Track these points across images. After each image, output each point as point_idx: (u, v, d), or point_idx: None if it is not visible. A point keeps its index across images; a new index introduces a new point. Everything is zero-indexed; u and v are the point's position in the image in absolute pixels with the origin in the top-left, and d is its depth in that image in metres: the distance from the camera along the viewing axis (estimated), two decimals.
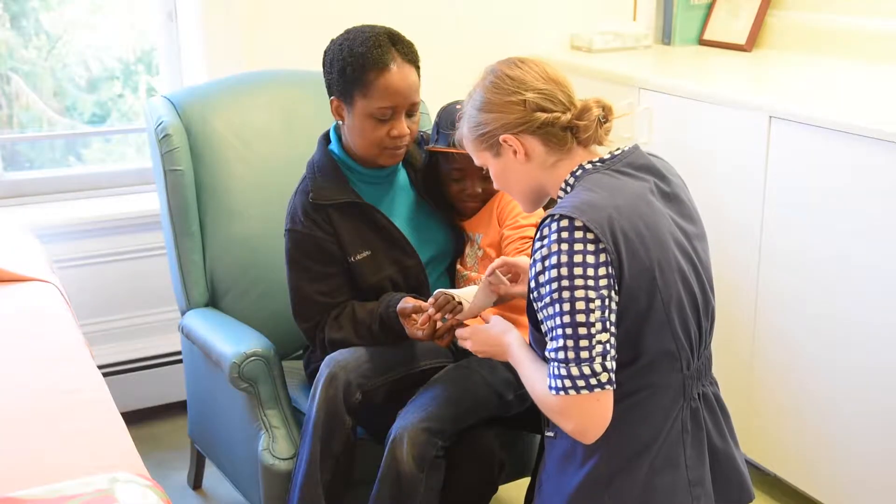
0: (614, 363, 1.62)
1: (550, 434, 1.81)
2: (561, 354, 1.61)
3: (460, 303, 2.00)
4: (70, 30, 3.23)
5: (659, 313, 1.66)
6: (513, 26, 3.44)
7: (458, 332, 1.95)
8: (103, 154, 3.42)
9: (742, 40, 3.37)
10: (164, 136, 2.53)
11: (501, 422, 2.22)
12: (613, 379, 1.62)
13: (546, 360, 1.66)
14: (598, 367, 1.60)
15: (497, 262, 2.00)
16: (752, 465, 2.81)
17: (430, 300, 2.03)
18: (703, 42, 3.55)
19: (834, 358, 2.51)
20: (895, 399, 2.38)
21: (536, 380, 1.70)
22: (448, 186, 2.31)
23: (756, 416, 2.75)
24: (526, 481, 2.30)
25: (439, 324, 2.04)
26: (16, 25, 3.14)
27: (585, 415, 1.63)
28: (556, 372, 1.62)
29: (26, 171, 3.21)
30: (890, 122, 2.31)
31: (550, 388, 1.63)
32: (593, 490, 1.74)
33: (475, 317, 2.02)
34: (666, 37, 3.59)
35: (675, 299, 1.68)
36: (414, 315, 2.09)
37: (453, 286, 2.33)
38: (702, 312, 1.74)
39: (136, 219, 3.07)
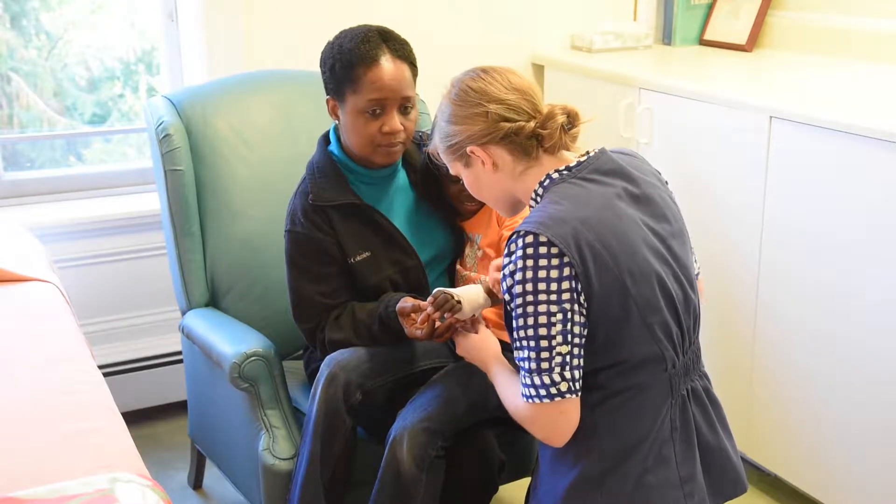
0: (577, 372, 1.67)
1: None
2: (525, 364, 1.68)
3: (459, 301, 2.00)
4: (70, 30, 3.23)
5: (635, 319, 1.68)
6: (513, 26, 3.45)
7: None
8: (104, 154, 3.43)
9: (742, 40, 3.37)
10: (164, 136, 2.53)
11: (501, 422, 2.22)
12: (575, 388, 1.67)
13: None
14: (556, 377, 1.65)
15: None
16: (752, 465, 2.81)
17: (429, 299, 2.03)
18: (703, 42, 3.55)
19: (834, 358, 2.51)
20: (894, 399, 2.38)
21: (508, 393, 1.78)
22: (447, 188, 2.31)
23: (756, 416, 2.75)
24: (526, 481, 2.30)
25: (438, 323, 2.04)
26: (16, 25, 3.14)
27: (549, 422, 1.70)
28: (524, 381, 1.69)
29: (27, 170, 3.21)
30: (890, 122, 2.31)
31: (522, 395, 1.70)
32: (586, 490, 1.75)
33: (474, 316, 2.03)
34: (666, 37, 3.60)
35: (652, 304, 1.69)
36: (413, 314, 2.09)
37: (453, 286, 2.33)
38: (682, 311, 1.75)
39: (137, 219, 3.07)
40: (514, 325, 1.68)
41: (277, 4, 3.11)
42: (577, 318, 1.65)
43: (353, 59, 2.13)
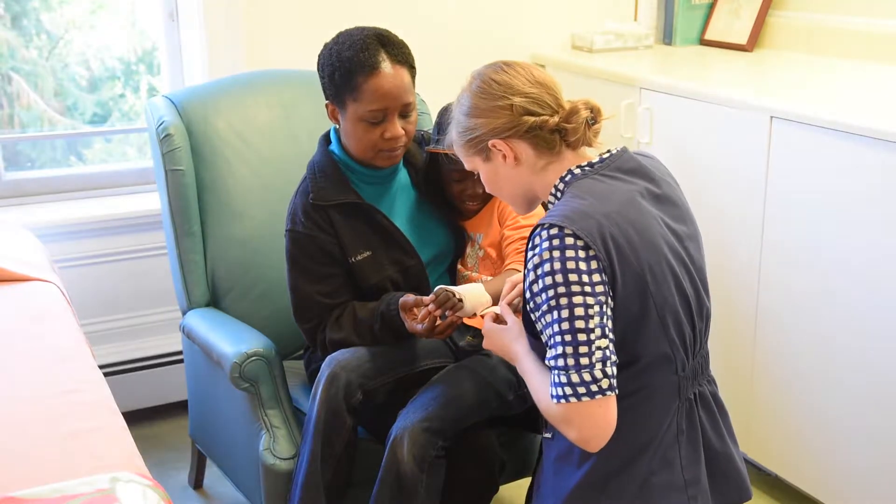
0: (615, 369, 1.62)
1: (548, 435, 1.82)
2: (561, 362, 1.61)
3: (461, 300, 2.00)
4: (71, 29, 3.23)
5: (652, 317, 1.67)
6: (514, 26, 3.44)
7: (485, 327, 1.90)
8: (104, 154, 3.43)
9: (743, 40, 3.37)
10: (165, 136, 2.54)
11: (502, 422, 2.22)
12: (615, 385, 1.62)
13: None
14: (598, 374, 1.60)
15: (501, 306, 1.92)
16: (753, 465, 2.81)
17: (431, 296, 2.03)
18: (704, 42, 3.55)
19: (834, 357, 2.51)
20: (895, 400, 2.39)
21: (541, 390, 1.69)
22: (449, 187, 2.31)
23: (756, 416, 2.75)
24: (526, 481, 2.30)
25: (439, 320, 2.04)
26: (17, 25, 3.14)
27: (588, 422, 1.62)
28: (557, 380, 1.62)
29: (27, 170, 3.21)
30: (890, 122, 2.30)
31: (552, 396, 1.63)
32: (590, 491, 1.74)
33: (475, 315, 2.02)
34: (667, 37, 3.59)
35: (668, 303, 1.68)
36: (415, 309, 2.09)
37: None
38: (695, 313, 1.74)
39: (137, 219, 3.07)
40: (544, 321, 1.63)
41: (277, 4, 3.11)
42: (609, 311, 1.62)
43: (352, 68, 2.12)
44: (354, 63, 2.12)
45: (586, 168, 1.73)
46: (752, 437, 2.76)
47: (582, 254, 1.60)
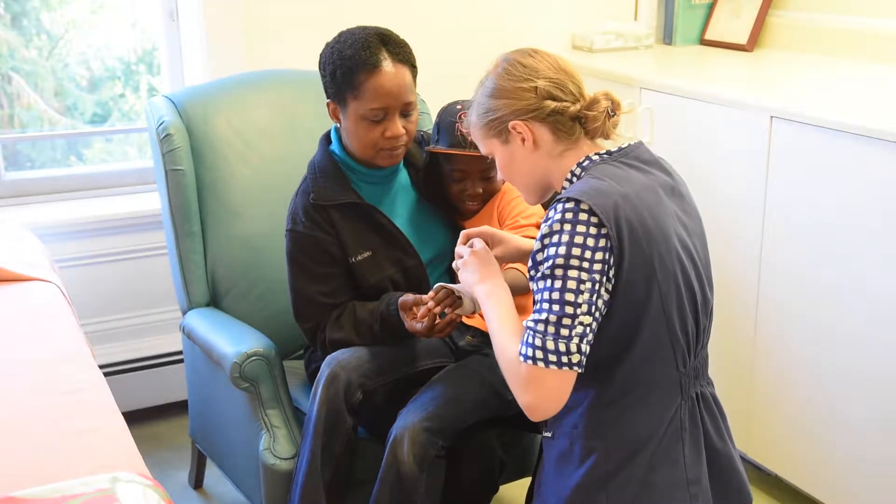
0: (588, 348, 1.64)
1: (548, 434, 1.82)
2: (541, 326, 1.63)
3: (460, 297, 2.01)
4: (71, 29, 3.23)
5: (656, 306, 1.67)
6: (514, 26, 3.44)
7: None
8: (104, 154, 3.43)
9: (743, 40, 3.38)
10: (165, 136, 2.54)
11: (502, 421, 2.22)
12: (583, 363, 1.64)
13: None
14: (573, 347, 1.62)
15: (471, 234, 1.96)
16: (753, 465, 2.81)
17: (430, 293, 2.03)
18: (704, 42, 3.55)
19: (835, 358, 2.51)
20: (895, 399, 2.39)
21: (507, 343, 1.70)
22: (449, 187, 2.31)
23: (757, 417, 2.75)
24: (526, 481, 2.30)
25: (438, 318, 2.04)
26: (17, 25, 3.14)
27: (544, 390, 1.64)
28: (531, 341, 1.64)
29: (27, 170, 3.21)
30: (890, 122, 2.30)
31: (521, 354, 1.65)
32: (591, 489, 1.74)
33: (475, 312, 2.03)
34: (667, 36, 3.60)
35: (674, 293, 1.69)
36: (414, 308, 2.10)
37: None
38: (700, 310, 1.75)
39: (137, 219, 3.07)
40: (537, 286, 1.65)
41: (277, 4, 3.11)
42: (602, 291, 1.64)
43: (353, 66, 2.13)
44: (356, 61, 2.13)
45: (605, 155, 1.75)
46: (752, 437, 2.76)
47: (593, 230, 1.62)
